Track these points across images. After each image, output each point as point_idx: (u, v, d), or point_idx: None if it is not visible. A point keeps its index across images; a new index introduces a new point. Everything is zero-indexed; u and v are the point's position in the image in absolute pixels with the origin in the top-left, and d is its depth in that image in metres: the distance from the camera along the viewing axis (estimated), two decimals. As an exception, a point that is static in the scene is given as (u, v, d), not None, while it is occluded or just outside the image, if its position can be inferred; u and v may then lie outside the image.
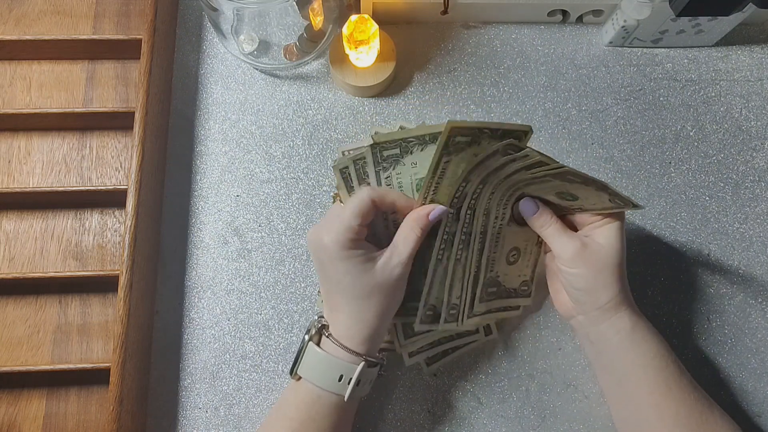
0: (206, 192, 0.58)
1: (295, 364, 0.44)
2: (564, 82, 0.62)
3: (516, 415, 0.52)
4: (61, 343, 0.54)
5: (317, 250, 0.43)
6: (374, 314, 0.43)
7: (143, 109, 0.53)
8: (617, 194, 0.43)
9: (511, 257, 0.51)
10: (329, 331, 0.44)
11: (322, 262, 0.43)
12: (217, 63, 0.62)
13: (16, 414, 0.52)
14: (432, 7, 0.60)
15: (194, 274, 0.55)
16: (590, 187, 0.43)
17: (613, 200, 0.44)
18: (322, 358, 0.43)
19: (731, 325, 0.55)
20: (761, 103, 0.61)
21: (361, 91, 0.60)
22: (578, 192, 0.44)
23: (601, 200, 0.44)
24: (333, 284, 0.43)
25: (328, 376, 0.43)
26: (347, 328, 0.43)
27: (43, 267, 0.56)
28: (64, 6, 0.64)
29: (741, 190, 0.59)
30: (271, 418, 0.46)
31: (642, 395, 0.45)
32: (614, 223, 0.45)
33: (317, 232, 0.43)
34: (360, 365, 0.43)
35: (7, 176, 0.58)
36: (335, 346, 0.43)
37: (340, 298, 0.43)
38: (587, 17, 0.63)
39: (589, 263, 0.45)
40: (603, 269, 0.45)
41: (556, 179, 0.43)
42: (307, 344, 0.44)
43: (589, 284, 0.45)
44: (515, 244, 0.50)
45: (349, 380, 0.43)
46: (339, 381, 0.43)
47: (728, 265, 0.56)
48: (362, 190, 0.43)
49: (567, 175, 0.42)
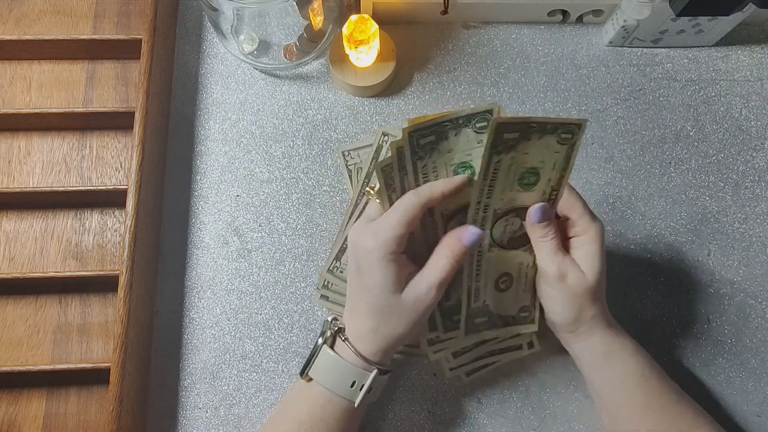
0: (206, 192, 0.58)
1: (307, 365, 0.44)
2: (564, 82, 0.62)
3: (516, 415, 0.52)
4: (61, 343, 0.54)
5: (359, 254, 0.41)
6: (394, 331, 0.42)
7: (143, 109, 0.53)
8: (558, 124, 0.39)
9: (501, 284, 0.47)
10: (346, 335, 0.43)
11: (359, 266, 0.41)
12: (217, 63, 0.62)
13: (16, 414, 0.52)
14: (432, 7, 0.60)
15: (194, 274, 0.55)
16: (533, 136, 0.39)
17: (561, 138, 0.40)
18: (335, 362, 0.43)
19: (731, 325, 0.55)
20: (761, 103, 0.61)
21: (361, 91, 0.60)
22: (530, 156, 0.41)
23: (553, 152, 0.41)
24: (363, 291, 0.42)
25: (341, 381, 0.42)
26: (364, 336, 0.43)
27: (43, 267, 0.56)
28: (64, 6, 0.64)
29: (741, 190, 0.59)
30: (277, 419, 0.46)
31: (619, 411, 0.45)
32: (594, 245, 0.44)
33: (361, 235, 0.41)
34: (373, 373, 0.42)
35: (7, 176, 0.58)
36: (350, 351, 0.43)
37: (366, 306, 0.42)
38: (587, 17, 0.63)
39: (566, 289, 0.44)
40: (579, 296, 0.44)
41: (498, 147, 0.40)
42: (321, 347, 0.43)
43: (565, 309, 0.45)
44: (505, 269, 0.46)
45: (361, 386, 0.42)
46: (351, 387, 0.42)
47: (728, 265, 0.56)
48: (408, 196, 0.40)
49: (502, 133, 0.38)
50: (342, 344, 0.43)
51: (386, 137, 0.56)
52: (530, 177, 0.42)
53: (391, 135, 0.56)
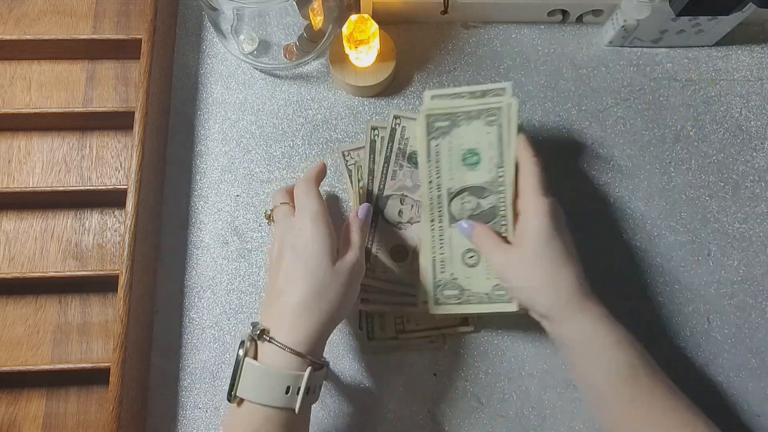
0: (206, 192, 0.58)
1: (232, 387, 0.40)
2: (564, 82, 0.62)
3: (516, 415, 0.52)
4: (61, 343, 0.54)
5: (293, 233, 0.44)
6: (327, 304, 0.41)
7: (143, 109, 0.53)
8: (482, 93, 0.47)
9: (468, 259, 0.48)
10: (269, 335, 0.40)
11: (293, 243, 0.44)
12: (217, 63, 0.62)
13: (16, 414, 0.52)
14: (432, 7, 0.60)
15: (194, 274, 0.55)
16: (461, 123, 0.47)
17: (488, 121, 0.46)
18: (263, 372, 0.39)
19: (731, 325, 0.55)
20: (761, 102, 0.61)
21: (361, 91, 0.60)
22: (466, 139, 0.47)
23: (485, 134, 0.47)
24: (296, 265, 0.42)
25: (273, 390, 0.39)
26: (293, 322, 0.40)
27: (43, 267, 0.56)
28: (64, 6, 0.64)
29: (741, 190, 0.59)
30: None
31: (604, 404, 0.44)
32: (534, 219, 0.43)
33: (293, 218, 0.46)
34: (307, 371, 0.39)
35: (7, 176, 0.58)
36: (275, 353, 0.40)
37: (299, 281, 0.41)
38: (587, 17, 0.63)
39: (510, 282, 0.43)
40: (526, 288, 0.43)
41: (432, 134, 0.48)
42: (243, 361, 0.40)
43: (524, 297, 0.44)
44: (470, 245, 0.48)
45: (297, 390, 0.39)
46: (287, 393, 0.39)
47: (728, 265, 0.56)
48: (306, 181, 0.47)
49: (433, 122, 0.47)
50: (267, 348, 0.40)
51: (376, 131, 0.56)
52: (472, 157, 0.48)
53: (380, 127, 0.56)
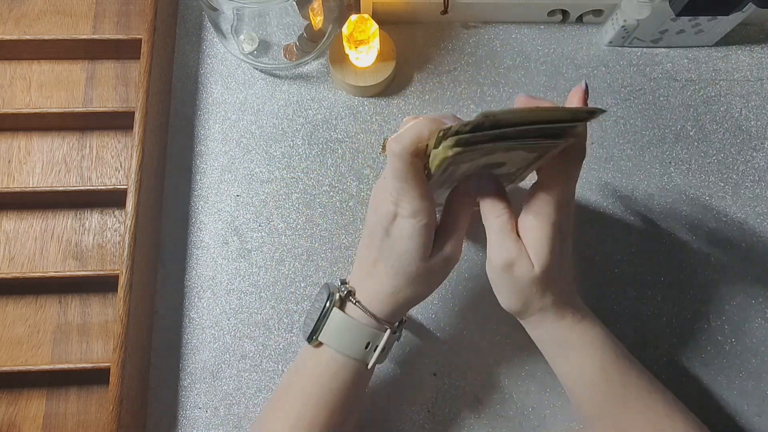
0: (206, 192, 0.58)
1: (314, 330, 0.42)
2: (564, 82, 0.62)
3: (516, 415, 0.52)
4: (61, 343, 0.54)
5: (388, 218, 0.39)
6: (414, 294, 0.42)
7: (143, 109, 0.53)
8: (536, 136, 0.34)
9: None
10: (357, 298, 0.42)
11: (388, 230, 0.40)
12: (217, 63, 0.62)
13: (16, 414, 0.52)
14: (432, 7, 0.60)
15: (194, 274, 0.55)
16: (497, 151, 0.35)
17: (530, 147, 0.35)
18: (350, 324, 0.41)
19: (731, 325, 0.55)
20: (761, 102, 0.61)
21: (361, 91, 0.60)
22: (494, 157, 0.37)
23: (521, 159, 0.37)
24: (390, 255, 0.40)
25: (355, 342, 0.41)
26: (381, 299, 0.42)
27: (43, 267, 0.56)
28: (64, 6, 0.64)
29: (741, 190, 0.59)
30: (281, 395, 0.44)
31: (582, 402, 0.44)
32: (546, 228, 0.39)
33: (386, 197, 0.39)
34: (387, 333, 0.42)
35: (7, 176, 0.58)
36: (362, 312, 0.42)
37: (390, 270, 0.41)
38: (587, 17, 0.63)
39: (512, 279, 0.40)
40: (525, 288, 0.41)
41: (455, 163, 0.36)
42: (331, 309, 0.42)
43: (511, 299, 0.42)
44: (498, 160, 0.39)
45: (375, 347, 0.42)
46: (366, 348, 0.42)
47: (728, 265, 0.56)
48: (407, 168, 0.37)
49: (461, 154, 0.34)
50: (353, 307, 0.42)
51: None
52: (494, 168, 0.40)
53: None
